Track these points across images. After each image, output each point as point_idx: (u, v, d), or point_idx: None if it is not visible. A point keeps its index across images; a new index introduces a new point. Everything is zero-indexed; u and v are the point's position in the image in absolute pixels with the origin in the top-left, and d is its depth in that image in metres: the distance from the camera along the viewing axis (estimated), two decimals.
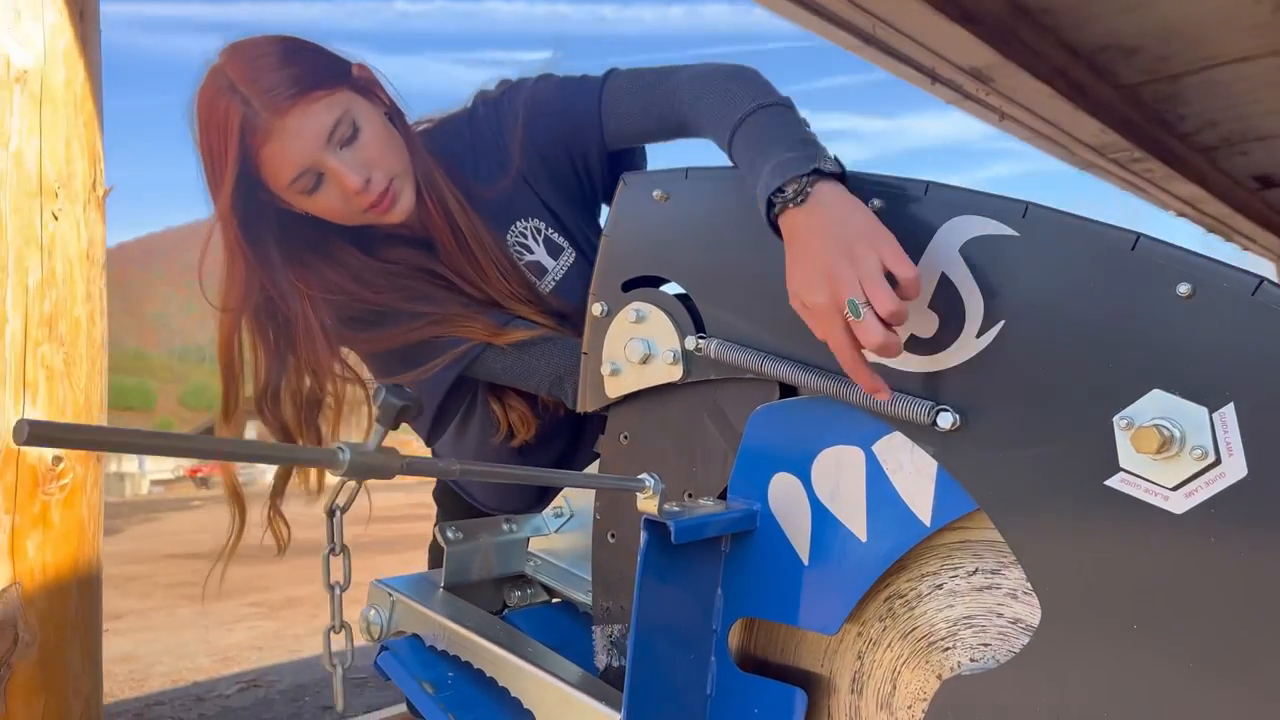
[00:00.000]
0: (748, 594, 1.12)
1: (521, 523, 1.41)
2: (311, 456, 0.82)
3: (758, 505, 1.11)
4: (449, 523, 1.35)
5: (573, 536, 1.40)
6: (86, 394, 1.43)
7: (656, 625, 1.05)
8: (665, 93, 1.30)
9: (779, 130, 1.09)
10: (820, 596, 1.07)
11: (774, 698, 1.10)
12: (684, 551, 1.06)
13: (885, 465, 1.04)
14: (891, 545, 1.03)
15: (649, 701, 1.05)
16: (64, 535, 1.40)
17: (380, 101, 1.37)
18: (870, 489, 1.05)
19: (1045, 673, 0.94)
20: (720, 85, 1.21)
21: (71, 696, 1.41)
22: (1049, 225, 0.96)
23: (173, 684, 5.72)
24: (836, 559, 1.06)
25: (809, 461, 1.09)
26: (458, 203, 1.40)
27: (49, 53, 1.38)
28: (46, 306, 1.38)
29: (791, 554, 1.09)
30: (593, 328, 1.27)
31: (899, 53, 3.65)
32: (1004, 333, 0.97)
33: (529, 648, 1.19)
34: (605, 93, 1.35)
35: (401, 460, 0.87)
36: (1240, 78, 4.37)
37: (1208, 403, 0.86)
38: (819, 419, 1.08)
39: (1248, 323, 0.85)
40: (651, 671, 1.05)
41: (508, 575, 1.40)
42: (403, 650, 1.25)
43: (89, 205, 1.43)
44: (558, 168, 1.42)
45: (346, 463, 0.82)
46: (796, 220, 1.01)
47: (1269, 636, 0.84)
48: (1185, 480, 0.87)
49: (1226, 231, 6.73)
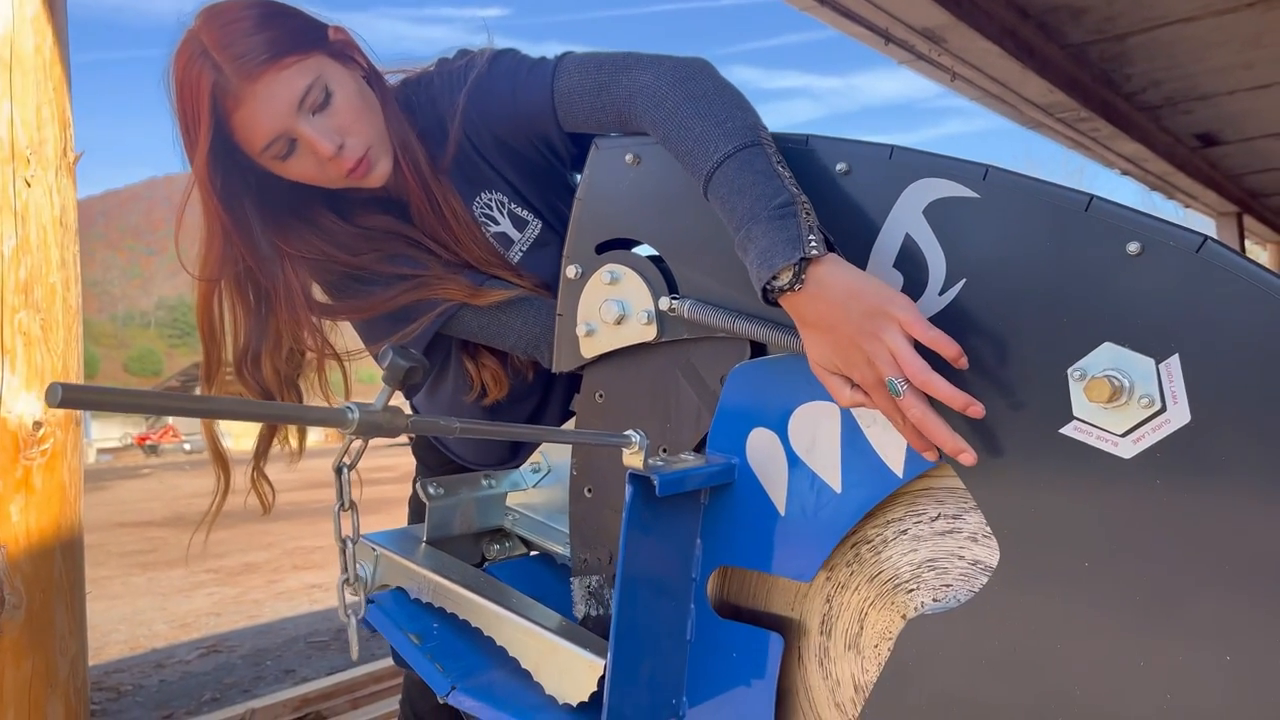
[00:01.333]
0: (726, 544, 1.17)
1: (500, 478, 1.44)
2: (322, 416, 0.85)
3: (736, 459, 1.16)
4: (430, 479, 1.38)
5: (550, 491, 1.44)
6: (64, 360, 1.43)
7: (640, 575, 1.10)
8: (617, 101, 1.26)
9: (751, 190, 1.06)
10: (796, 545, 1.12)
11: (751, 642, 1.15)
12: (666, 504, 1.10)
13: (860, 420, 1.09)
14: (865, 496, 1.09)
15: (634, 647, 1.10)
16: (46, 499, 1.41)
17: (357, 65, 1.36)
18: (845, 442, 1.09)
19: (1003, 611, 1.01)
20: (677, 112, 1.16)
21: (59, 656, 1.43)
22: (1008, 188, 1.01)
23: (131, 651, 5.70)
24: (812, 510, 1.11)
25: (786, 417, 1.13)
26: (430, 168, 1.41)
27: (18, 19, 1.36)
28: (22, 274, 1.38)
29: (768, 505, 1.14)
30: (567, 289, 1.30)
31: (853, 13, 3.68)
32: (965, 290, 1.02)
33: (512, 598, 1.23)
34: (556, 90, 1.32)
35: (407, 419, 0.90)
36: (1184, 37, 4.47)
37: (1154, 354, 0.92)
38: (795, 377, 1.12)
39: (1192, 279, 0.91)
40: (636, 619, 1.10)
41: (487, 529, 1.44)
42: (388, 603, 1.29)
43: (60, 171, 1.43)
44: (517, 148, 1.42)
45: (356, 421, 0.84)
46: (801, 303, 1.03)
47: (1209, 570, 0.90)
48: (1134, 427, 0.93)
49: (1168, 189, 6.89)
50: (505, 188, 1.45)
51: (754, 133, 1.11)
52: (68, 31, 1.44)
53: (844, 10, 3.66)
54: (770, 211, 1.03)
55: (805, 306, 1.03)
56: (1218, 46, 4.59)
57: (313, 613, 6.41)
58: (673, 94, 1.17)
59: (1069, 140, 5.53)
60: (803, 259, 1.01)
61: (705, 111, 1.14)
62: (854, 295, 1.00)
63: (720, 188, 1.09)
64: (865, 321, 0.98)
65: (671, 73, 1.20)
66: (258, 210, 1.35)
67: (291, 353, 1.38)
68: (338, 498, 1.00)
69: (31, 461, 1.40)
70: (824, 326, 1.02)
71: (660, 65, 1.22)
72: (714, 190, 1.10)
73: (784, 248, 1.01)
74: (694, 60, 1.22)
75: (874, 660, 1.12)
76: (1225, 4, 4.13)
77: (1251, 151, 6.55)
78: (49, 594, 1.42)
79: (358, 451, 1.00)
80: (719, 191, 1.09)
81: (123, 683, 4.98)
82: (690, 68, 1.20)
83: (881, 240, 1.07)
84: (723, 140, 1.10)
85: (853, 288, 1.00)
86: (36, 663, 1.41)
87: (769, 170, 1.07)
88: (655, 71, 1.21)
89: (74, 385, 0.56)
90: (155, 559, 9.00)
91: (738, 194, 1.07)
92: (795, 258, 1.01)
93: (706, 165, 1.10)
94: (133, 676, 5.10)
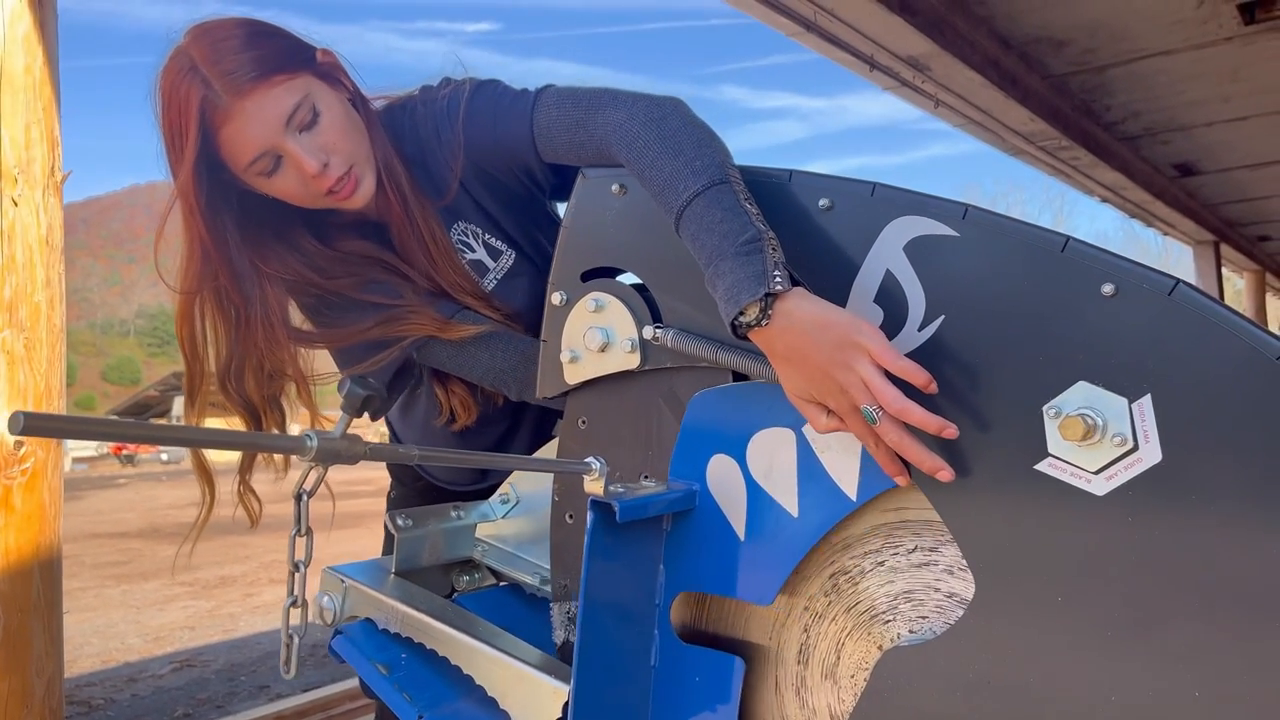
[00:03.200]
0: (688, 569, 1.19)
1: (469, 509, 1.45)
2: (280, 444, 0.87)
3: (697, 485, 1.18)
4: (399, 510, 1.39)
5: (519, 522, 1.45)
6: (47, 379, 1.43)
7: (603, 601, 1.11)
8: (594, 138, 1.29)
9: (719, 227, 1.09)
10: (756, 570, 1.15)
11: (713, 665, 1.17)
12: (628, 531, 1.12)
13: (814, 445, 1.11)
14: (821, 519, 1.11)
15: (597, 674, 1.11)
16: (26, 519, 1.40)
17: (343, 87, 1.38)
18: (801, 468, 1.12)
19: (978, 643, 1.02)
20: (649, 151, 1.19)
21: (35, 678, 1.42)
22: (986, 227, 1.03)
23: (103, 664, 5.64)
24: (770, 534, 1.14)
25: (744, 443, 1.16)
26: (413, 191, 1.42)
27: (8, 38, 1.37)
28: (7, 292, 1.38)
29: (729, 530, 1.16)
30: (552, 316, 1.31)
31: (839, 40, 3.72)
32: (944, 326, 1.04)
33: (479, 627, 1.24)
34: (536, 123, 1.35)
35: (365, 446, 0.91)
36: (1163, 70, 4.53)
37: (1127, 394, 0.94)
38: (753, 403, 1.15)
39: (1165, 321, 0.93)
40: (599, 645, 1.11)
41: (456, 560, 1.44)
42: (356, 634, 1.29)
43: (48, 190, 1.43)
44: (497, 177, 1.44)
45: (314, 449, 0.86)
46: (771, 337, 1.06)
47: (1178, 604, 0.92)
48: (1106, 465, 0.95)
49: (1147, 217, 6.97)
50: (482, 218, 1.47)
51: (722, 170, 1.14)
52: (58, 51, 1.45)
53: (829, 37, 3.70)
54: (737, 248, 1.06)
55: (775, 340, 1.06)
56: (1196, 80, 4.66)
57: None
58: (644, 133, 1.21)
59: (1050, 168, 5.59)
60: (768, 294, 1.04)
61: (675, 150, 1.17)
62: (823, 327, 1.03)
63: (689, 225, 1.12)
64: (836, 352, 1.01)
65: (645, 112, 1.23)
66: (238, 228, 1.36)
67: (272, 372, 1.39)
68: (295, 523, 1.01)
69: (12, 481, 1.39)
70: (796, 359, 1.05)
71: (635, 104, 1.25)
72: (684, 227, 1.13)
73: (749, 283, 1.04)
74: (667, 99, 1.26)
75: (850, 690, 1.13)
76: (1204, 38, 4.20)
77: (1228, 182, 6.64)
78: (26, 614, 1.42)
79: (317, 478, 1.01)
80: (689, 228, 1.12)
81: (94, 697, 4.93)
82: (663, 107, 1.23)
83: (862, 276, 1.09)
84: (692, 178, 1.13)
85: (821, 319, 1.03)
86: (13, 683, 1.40)
87: (736, 207, 1.10)
88: (629, 110, 1.24)
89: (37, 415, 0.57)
90: (130, 570, 8.92)
91: (706, 231, 1.10)
92: (760, 293, 1.04)
93: (677, 203, 1.13)
94: (104, 690, 5.05)
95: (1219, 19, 3.98)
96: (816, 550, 1.13)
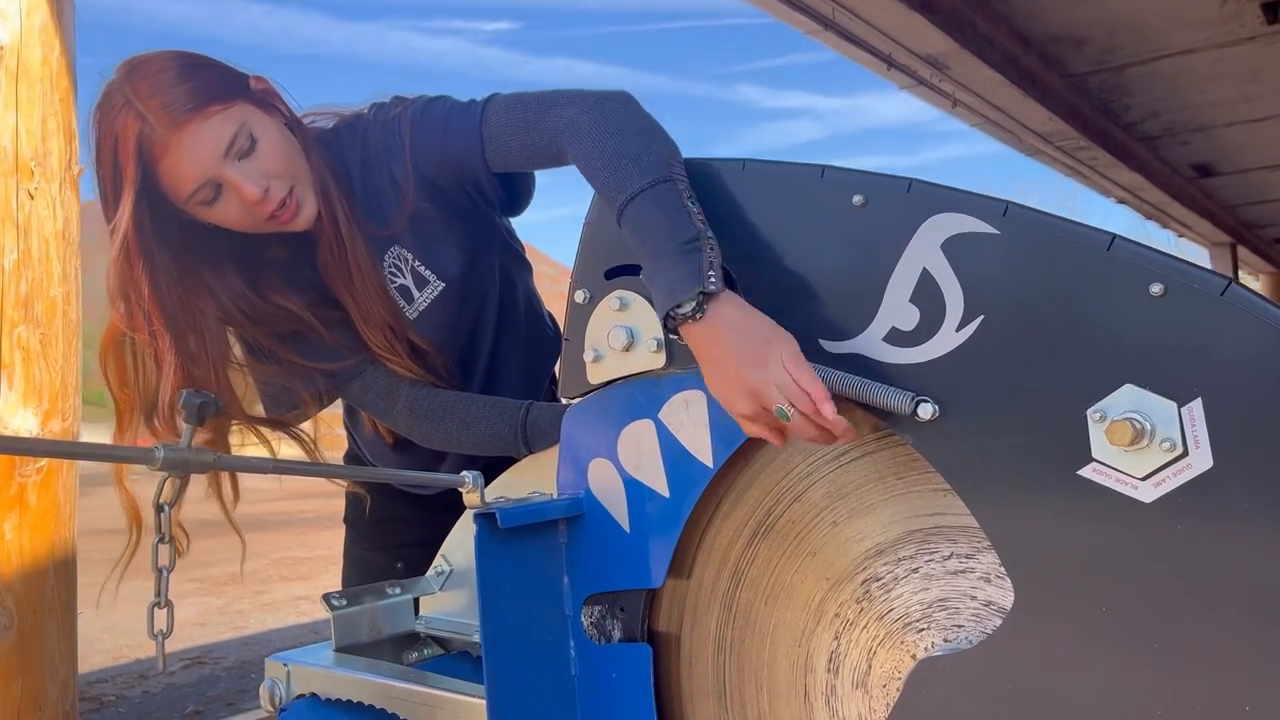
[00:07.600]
0: (589, 573, 1.23)
1: (407, 585, 1.45)
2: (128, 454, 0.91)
3: (582, 492, 1.24)
4: (333, 591, 1.38)
5: (456, 593, 1.44)
6: (63, 375, 1.41)
7: (504, 614, 1.13)
8: (544, 137, 1.31)
9: (661, 226, 1.12)
10: (644, 556, 1.20)
11: (627, 658, 1.21)
12: (522, 544, 1.16)
13: (670, 426, 1.17)
14: (688, 491, 1.17)
15: (511, 688, 1.12)
16: (40, 517, 1.39)
17: (278, 112, 1.38)
18: (664, 450, 1.19)
19: (1017, 653, 0.99)
20: (596, 147, 1.22)
21: (48, 679, 1.40)
22: (1028, 224, 1.00)
23: (114, 661, 5.63)
24: (651, 519, 1.20)
25: (614, 442, 1.22)
26: (345, 211, 1.41)
27: (25, 29, 1.35)
28: (23, 287, 1.36)
29: (615, 526, 1.22)
30: (575, 314, 1.29)
31: (857, 38, 3.69)
32: (983, 327, 1.01)
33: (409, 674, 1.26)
34: (485, 131, 1.36)
35: (214, 456, 0.95)
36: (1183, 70, 4.49)
37: (1177, 397, 0.91)
38: (614, 404, 1.22)
39: (1216, 322, 0.90)
40: (508, 660, 1.12)
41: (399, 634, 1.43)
42: (301, 709, 1.29)
43: (64, 184, 1.42)
44: (446, 191, 1.44)
45: (160, 459, 0.90)
46: (698, 333, 1.10)
47: (1230, 618, 0.89)
48: (1154, 471, 0.92)
49: (1163, 218, 6.93)
50: (414, 245, 1.47)
51: (667, 169, 1.17)
52: (75, 43, 1.43)
53: (847, 35, 3.67)
54: (677, 247, 1.10)
55: (700, 336, 1.10)
56: (1216, 79, 4.62)
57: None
58: (593, 129, 1.24)
59: (1067, 168, 5.56)
60: (703, 293, 1.08)
61: (621, 147, 1.20)
62: (743, 329, 1.07)
63: (631, 221, 1.16)
64: (752, 353, 1.06)
65: (594, 108, 1.26)
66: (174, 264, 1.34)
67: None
68: (155, 531, 1.03)
69: (27, 479, 1.38)
70: (715, 356, 1.09)
71: (583, 101, 1.28)
72: (626, 223, 1.16)
73: (686, 282, 1.08)
74: (616, 94, 1.28)
75: (882, 700, 1.10)
76: (1225, 38, 4.16)
77: (1247, 183, 6.59)
78: (40, 615, 1.40)
79: (175, 489, 1.01)
80: (631, 225, 1.16)
81: (105, 693, 4.92)
82: (612, 102, 1.26)
83: (897, 274, 1.06)
84: (637, 176, 1.16)
85: (743, 322, 1.08)
86: (26, 685, 1.38)
87: (678, 206, 1.13)
88: (579, 107, 1.27)
89: None
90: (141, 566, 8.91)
91: (648, 229, 1.13)
92: (695, 291, 1.08)
93: (619, 199, 1.16)
94: (115, 687, 5.05)
95: (1242, 18, 3.94)
96: (848, 556, 1.11)
